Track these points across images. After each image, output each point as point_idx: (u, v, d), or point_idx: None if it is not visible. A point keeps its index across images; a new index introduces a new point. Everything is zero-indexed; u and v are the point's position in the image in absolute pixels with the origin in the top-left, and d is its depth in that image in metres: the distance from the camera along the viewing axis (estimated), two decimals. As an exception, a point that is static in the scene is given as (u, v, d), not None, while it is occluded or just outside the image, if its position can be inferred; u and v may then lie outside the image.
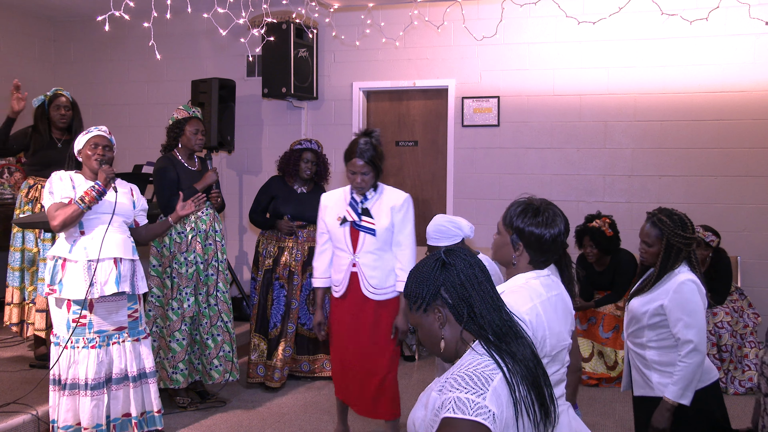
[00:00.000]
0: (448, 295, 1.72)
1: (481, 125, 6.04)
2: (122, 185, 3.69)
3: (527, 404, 1.62)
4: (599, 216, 5.17)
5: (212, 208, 4.51)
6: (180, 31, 6.62)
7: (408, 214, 3.66)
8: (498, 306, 1.73)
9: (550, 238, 2.22)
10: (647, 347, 2.97)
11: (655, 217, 2.96)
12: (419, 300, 1.75)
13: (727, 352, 4.90)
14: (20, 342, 5.27)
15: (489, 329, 1.68)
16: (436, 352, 1.77)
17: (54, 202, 3.44)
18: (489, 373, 1.60)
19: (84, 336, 3.44)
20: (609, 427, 4.28)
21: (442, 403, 1.59)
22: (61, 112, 4.61)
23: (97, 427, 3.42)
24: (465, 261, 1.75)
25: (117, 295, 3.50)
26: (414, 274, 1.79)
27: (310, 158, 4.88)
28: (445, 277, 1.73)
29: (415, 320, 1.79)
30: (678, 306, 2.86)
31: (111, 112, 6.93)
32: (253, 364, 4.84)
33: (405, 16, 5.79)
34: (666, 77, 5.59)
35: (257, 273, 4.94)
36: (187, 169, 4.39)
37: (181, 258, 4.33)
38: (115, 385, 3.50)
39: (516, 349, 1.67)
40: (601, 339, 5.11)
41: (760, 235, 5.47)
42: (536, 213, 2.22)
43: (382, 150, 3.70)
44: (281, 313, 4.82)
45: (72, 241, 3.46)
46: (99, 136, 3.56)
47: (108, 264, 3.44)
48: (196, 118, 4.45)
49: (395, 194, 3.69)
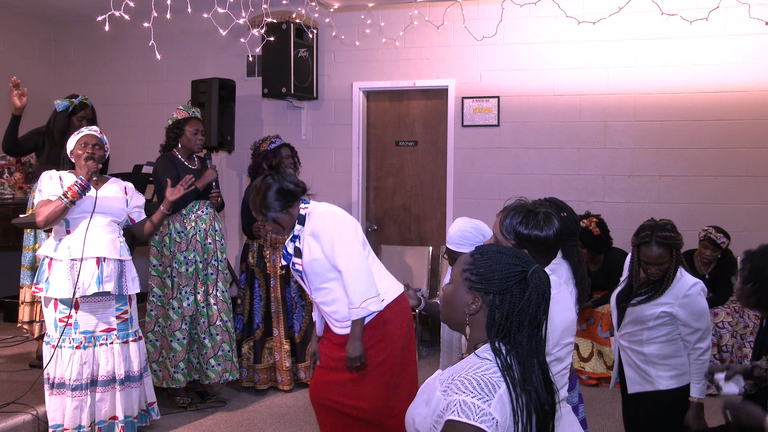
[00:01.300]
0: (500, 303, 1.67)
1: (481, 125, 6.04)
2: (116, 183, 3.69)
3: (525, 430, 1.60)
4: (587, 216, 5.16)
5: (212, 208, 4.51)
6: (180, 31, 6.61)
7: (333, 232, 2.95)
8: (537, 351, 1.66)
9: (554, 237, 2.22)
10: (647, 344, 3.01)
11: (657, 237, 2.93)
12: (476, 276, 1.69)
13: (727, 352, 4.90)
14: (21, 342, 5.27)
15: (513, 362, 1.64)
16: (447, 319, 1.78)
17: (41, 200, 3.44)
18: (496, 380, 1.60)
19: (70, 336, 3.45)
20: (609, 427, 4.28)
21: (447, 405, 1.59)
22: (84, 124, 4.58)
23: (79, 428, 3.42)
24: (540, 292, 1.66)
25: (102, 296, 3.49)
26: (497, 255, 1.70)
27: (288, 154, 4.82)
28: (511, 288, 1.66)
29: (454, 278, 1.75)
30: (690, 314, 2.93)
31: (111, 112, 6.92)
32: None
33: (405, 16, 5.79)
34: (666, 77, 5.59)
35: (264, 280, 4.80)
36: (187, 169, 4.39)
37: (181, 257, 4.33)
38: (102, 388, 3.49)
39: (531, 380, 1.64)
40: (600, 339, 5.11)
41: (760, 235, 5.46)
42: (535, 216, 2.21)
43: (286, 184, 3.00)
44: (262, 314, 4.77)
45: (58, 239, 3.48)
46: (89, 135, 3.57)
47: (90, 263, 3.43)
48: (196, 118, 4.45)
49: (315, 218, 3.01)
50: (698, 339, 2.94)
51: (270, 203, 2.96)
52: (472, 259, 1.72)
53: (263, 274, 4.78)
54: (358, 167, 6.39)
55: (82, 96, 4.61)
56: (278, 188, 2.96)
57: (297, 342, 4.84)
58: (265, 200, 2.97)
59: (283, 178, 2.99)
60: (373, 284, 2.95)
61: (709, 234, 5.01)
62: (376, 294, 2.95)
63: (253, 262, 4.80)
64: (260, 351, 4.76)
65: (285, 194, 2.97)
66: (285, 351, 4.74)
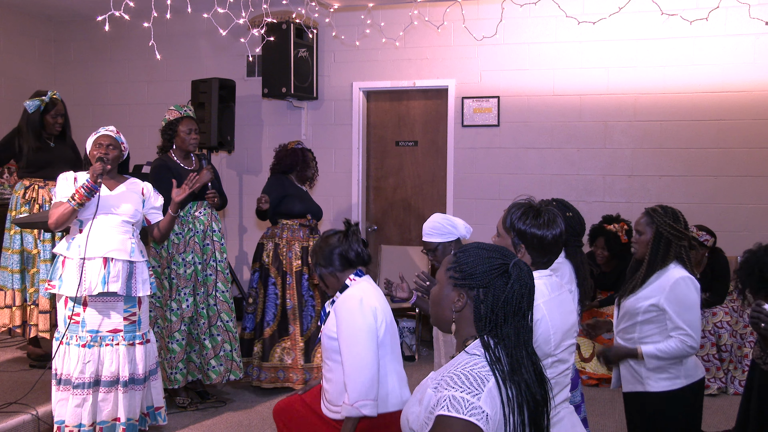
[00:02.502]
0: (484, 297, 1.70)
1: (481, 125, 6.04)
2: (133, 183, 3.70)
3: (516, 421, 1.61)
4: (618, 220, 5.14)
5: (210, 208, 4.49)
6: (180, 31, 6.62)
7: (348, 319, 2.80)
8: (525, 342, 1.69)
9: (552, 239, 2.23)
10: (639, 342, 2.98)
11: (649, 209, 3.04)
12: (459, 273, 1.74)
13: (726, 352, 4.90)
14: (20, 342, 5.27)
15: (501, 354, 1.66)
16: (435, 319, 1.82)
17: (55, 201, 3.48)
18: (485, 374, 1.61)
19: (77, 333, 3.47)
20: (609, 427, 4.28)
21: (437, 401, 1.60)
22: (59, 121, 4.60)
23: (79, 426, 3.42)
24: (522, 283, 1.69)
25: (109, 296, 3.49)
26: (476, 251, 1.75)
27: (313, 158, 5.00)
28: (494, 281, 1.70)
29: (440, 279, 1.80)
30: (675, 303, 2.88)
31: (111, 112, 6.93)
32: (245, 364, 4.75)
33: (405, 16, 5.79)
34: (666, 77, 5.59)
35: (280, 277, 4.79)
36: (183, 170, 4.36)
37: (179, 259, 4.32)
38: (105, 388, 3.49)
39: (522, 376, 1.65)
40: (604, 339, 5.11)
41: (760, 235, 5.45)
42: (537, 215, 2.24)
43: (350, 252, 2.96)
44: (311, 315, 4.77)
45: (71, 238, 3.51)
46: (104, 135, 3.59)
47: (96, 263, 3.44)
48: (189, 117, 4.41)
49: (346, 295, 2.92)
50: (681, 325, 2.86)
51: (324, 260, 2.93)
52: (455, 258, 1.77)
53: (280, 273, 4.79)
54: (358, 167, 6.39)
55: (51, 92, 4.60)
56: (340, 251, 2.92)
57: (305, 341, 4.85)
58: (323, 254, 2.94)
59: (351, 244, 2.94)
60: (373, 388, 2.75)
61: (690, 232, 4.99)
62: (373, 398, 2.74)
63: (269, 261, 4.80)
64: (269, 349, 4.74)
65: (343, 259, 2.93)
66: (300, 349, 4.73)
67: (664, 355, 2.88)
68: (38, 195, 4.59)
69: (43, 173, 4.59)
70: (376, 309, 2.85)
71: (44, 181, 4.59)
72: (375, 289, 2.95)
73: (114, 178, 3.65)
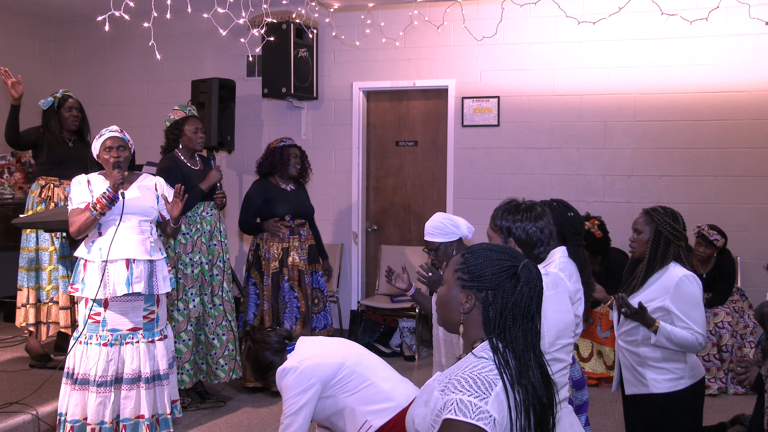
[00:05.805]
0: (493, 299, 1.67)
1: (481, 125, 6.04)
2: (147, 179, 3.70)
3: (522, 425, 1.60)
4: (588, 218, 5.15)
5: (216, 209, 4.51)
6: (180, 31, 6.61)
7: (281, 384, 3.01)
8: (533, 345, 1.67)
9: (538, 231, 2.28)
10: (642, 344, 2.98)
11: (648, 209, 3.05)
12: (468, 275, 1.71)
13: (727, 352, 4.90)
14: (21, 342, 5.27)
15: (509, 357, 1.64)
16: (442, 320, 1.79)
17: (73, 208, 3.48)
18: (493, 378, 1.61)
19: (97, 333, 3.47)
20: (609, 427, 4.28)
21: (444, 404, 1.59)
22: (73, 114, 4.72)
23: (101, 423, 3.43)
24: (532, 286, 1.68)
25: (131, 296, 3.50)
26: (485, 252, 1.72)
27: (296, 154, 4.89)
28: (503, 283, 1.67)
29: (447, 279, 1.76)
30: (681, 301, 2.89)
31: (111, 112, 6.92)
32: None
33: (405, 16, 5.79)
34: (666, 77, 5.59)
35: (259, 278, 4.80)
36: (191, 169, 4.39)
37: (187, 259, 4.34)
38: (127, 386, 3.49)
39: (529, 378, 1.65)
40: (600, 339, 5.12)
41: (760, 235, 5.47)
42: (517, 209, 2.31)
43: (263, 359, 3.18)
44: (296, 316, 4.75)
45: (91, 242, 3.51)
46: (111, 137, 3.57)
47: (120, 265, 3.45)
48: (194, 116, 4.45)
49: (291, 360, 3.13)
50: (691, 325, 2.87)
51: (268, 374, 3.11)
52: (463, 258, 1.74)
53: (259, 273, 4.78)
54: (358, 167, 6.39)
55: (63, 90, 4.72)
56: (272, 362, 3.07)
57: None
58: (265, 372, 3.12)
59: (276, 349, 3.11)
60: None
61: (702, 231, 5.00)
62: None
63: (251, 260, 4.81)
64: None
65: (279, 363, 3.07)
66: None
67: (675, 339, 2.85)
68: (54, 194, 4.64)
69: (59, 171, 4.65)
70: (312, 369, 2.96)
71: (59, 180, 4.66)
72: (311, 347, 3.08)
73: (126, 178, 3.64)
